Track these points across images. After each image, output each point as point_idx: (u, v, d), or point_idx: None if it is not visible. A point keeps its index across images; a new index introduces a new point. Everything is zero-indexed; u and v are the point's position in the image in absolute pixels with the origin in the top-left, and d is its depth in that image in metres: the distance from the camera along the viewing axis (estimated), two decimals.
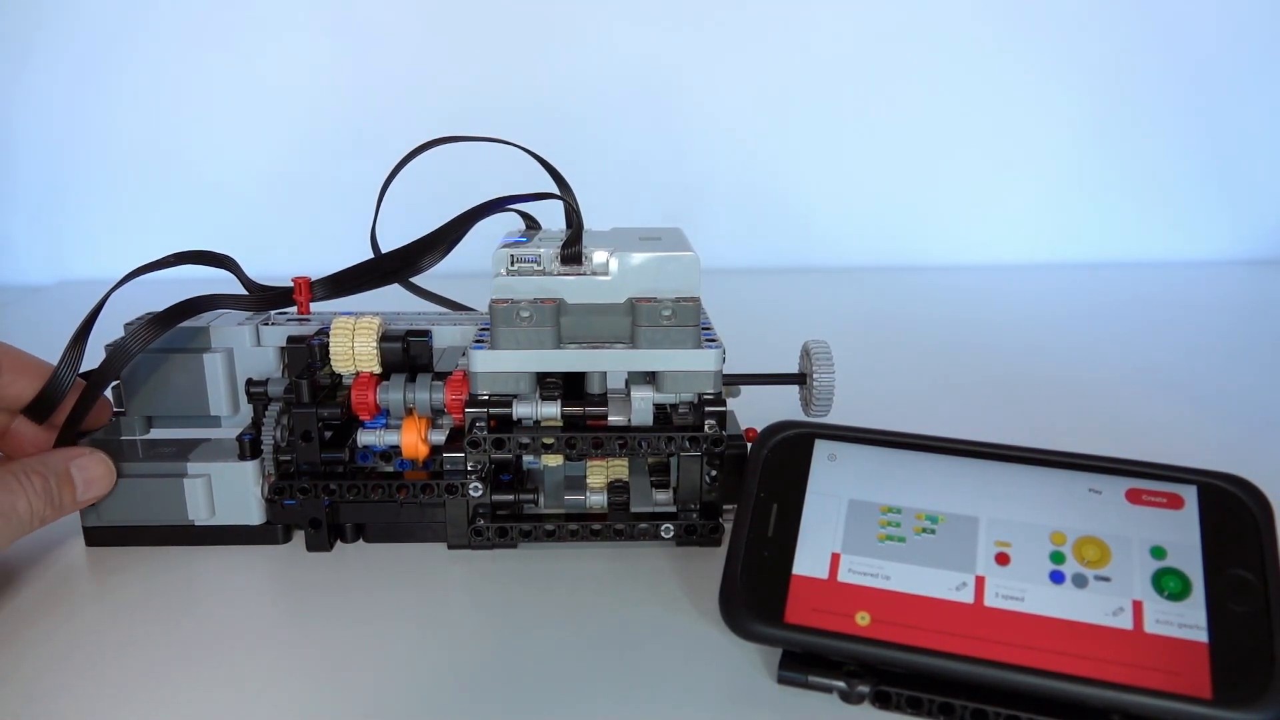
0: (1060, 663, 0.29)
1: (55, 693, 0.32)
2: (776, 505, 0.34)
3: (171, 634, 0.35)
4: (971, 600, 0.31)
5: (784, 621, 0.31)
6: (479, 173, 0.61)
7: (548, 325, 0.38)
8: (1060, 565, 0.31)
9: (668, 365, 0.39)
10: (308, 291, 0.43)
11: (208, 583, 0.39)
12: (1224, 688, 0.27)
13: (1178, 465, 0.32)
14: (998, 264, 1.01)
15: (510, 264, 0.39)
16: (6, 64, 0.93)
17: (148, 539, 0.41)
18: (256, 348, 0.42)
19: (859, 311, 0.83)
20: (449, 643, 0.35)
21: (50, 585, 0.39)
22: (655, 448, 0.39)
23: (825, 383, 0.41)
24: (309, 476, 0.40)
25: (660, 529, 0.40)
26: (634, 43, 0.95)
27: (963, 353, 0.70)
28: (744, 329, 0.53)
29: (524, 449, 0.39)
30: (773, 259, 1.01)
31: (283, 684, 0.32)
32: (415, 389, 0.40)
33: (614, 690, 0.32)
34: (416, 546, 0.41)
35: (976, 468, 0.34)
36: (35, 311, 0.86)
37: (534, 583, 0.39)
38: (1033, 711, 0.29)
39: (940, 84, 0.97)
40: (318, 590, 0.38)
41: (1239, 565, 0.30)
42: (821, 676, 0.31)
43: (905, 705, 0.30)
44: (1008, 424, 0.55)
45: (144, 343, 0.38)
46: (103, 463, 0.39)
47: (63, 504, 0.38)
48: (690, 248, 0.40)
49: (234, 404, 0.42)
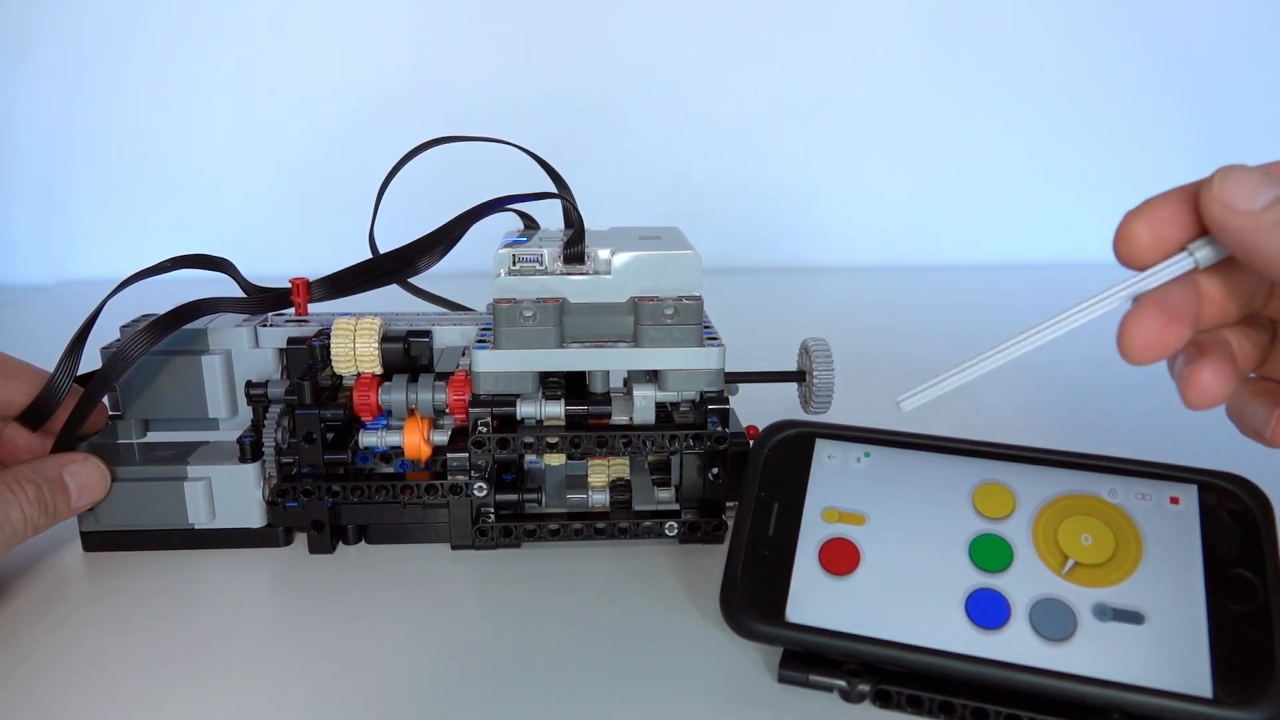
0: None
1: (53, 701, 0.32)
2: (777, 504, 0.34)
3: (173, 638, 0.35)
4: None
5: (785, 620, 0.31)
6: (478, 173, 0.61)
7: (550, 325, 0.38)
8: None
9: (670, 364, 0.39)
10: (305, 293, 0.43)
11: (209, 586, 0.39)
12: (1224, 687, 0.27)
13: (1178, 465, 0.32)
14: (997, 264, 1.01)
15: (512, 264, 0.39)
16: (6, 64, 0.93)
17: (147, 543, 0.41)
18: (255, 349, 0.42)
19: (859, 311, 0.83)
20: (453, 643, 0.35)
21: (47, 592, 0.38)
22: (659, 446, 0.39)
23: (825, 380, 0.41)
24: (311, 478, 0.40)
25: (664, 527, 0.41)
26: (634, 43, 0.95)
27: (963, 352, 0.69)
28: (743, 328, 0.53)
29: (528, 448, 0.39)
30: (773, 259, 1.01)
31: (288, 687, 0.32)
32: (418, 389, 0.40)
33: (615, 689, 0.32)
34: (419, 547, 0.41)
35: (976, 467, 0.34)
36: (35, 311, 0.86)
37: (537, 582, 0.39)
38: (1033, 711, 0.29)
39: (940, 84, 0.97)
40: (321, 592, 0.38)
41: (1239, 565, 0.30)
42: (822, 675, 0.31)
43: (905, 704, 0.30)
44: (1008, 424, 0.55)
45: (144, 348, 0.38)
46: (97, 468, 0.39)
47: (57, 511, 0.37)
48: (690, 246, 0.40)
49: (232, 406, 0.42)
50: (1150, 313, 0.29)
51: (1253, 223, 0.28)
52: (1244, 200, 0.28)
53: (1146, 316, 0.29)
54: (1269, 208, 0.27)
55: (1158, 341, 0.29)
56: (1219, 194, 0.28)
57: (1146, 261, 0.30)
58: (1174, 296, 0.29)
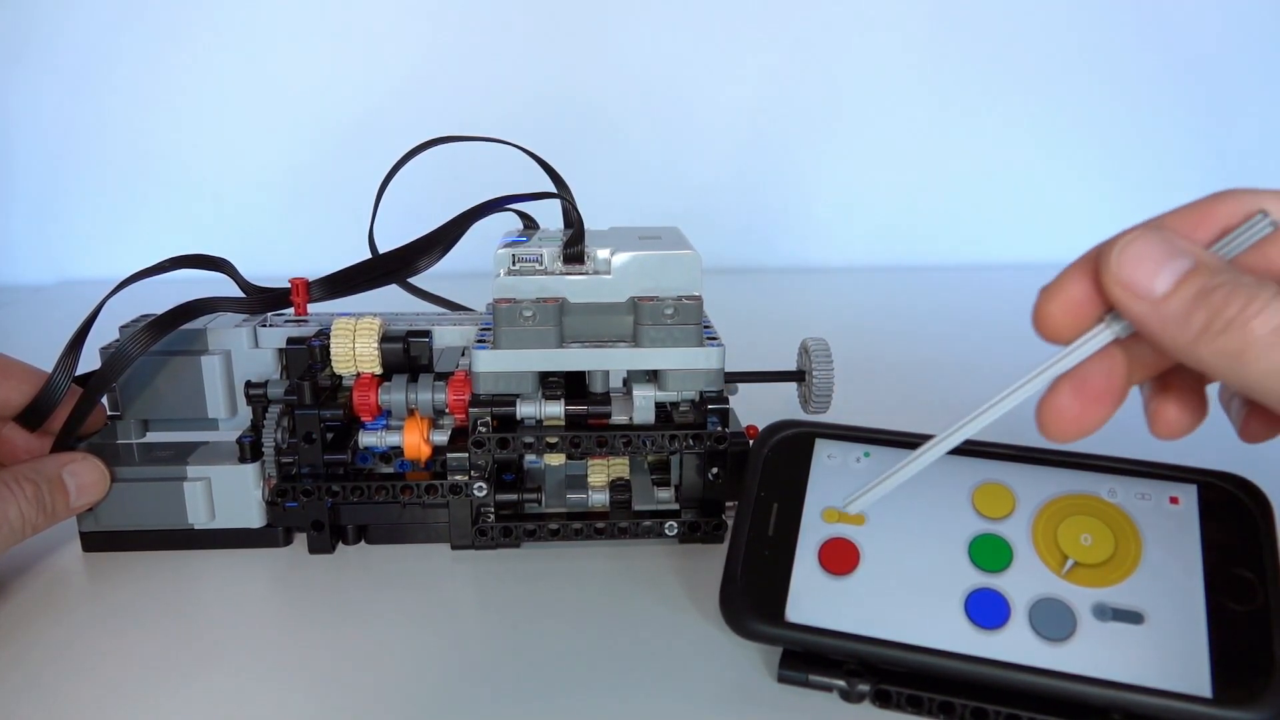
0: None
1: (52, 701, 0.32)
2: (777, 504, 0.34)
3: (172, 639, 0.35)
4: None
5: (784, 620, 0.31)
6: (478, 173, 0.61)
7: (550, 325, 0.38)
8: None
9: (670, 364, 0.39)
10: (305, 292, 0.43)
11: (209, 586, 0.39)
12: (1224, 687, 0.27)
13: (1178, 465, 0.32)
14: (997, 264, 1.01)
15: (512, 264, 0.39)
16: (5, 63, 0.93)
17: (146, 543, 0.41)
18: (254, 349, 0.42)
19: (859, 311, 0.83)
20: (453, 643, 0.35)
21: (46, 592, 0.38)
22: (659, 446, 0.39)
23: (824, 380, 0.41)
24: (311, 479, 0.40)
25: (664, 526, 0.41)
26: (633, 43, 0.95)
27: (963, 352, 0.70)
28: (743, 328, 0.53)
29: (528, 448, 0.39)
30: (773, 259, 1.01)
31: (288, 687, 0.32)
32: (417, 389, 0.40)
33: (615, 689, 0.32)
34: (419, 547, 0.41)
35: (976, 467, 0.34)
36: (35, 311, 0.86)
37: (537, 582, 0.39)
38: (1032, 711, 0.29)
39: (940, 83, 0.97)
40: (321, 592, 0.38)
41: (1239, 565, 0.30)
42: (822, 675, 0.31)
43: (905, 704, 0.30)
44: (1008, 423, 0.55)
45: (143, 347, 0.38)
46: (96, 468, 0.39)
47: (55, 511, 0.37)
48: (690, 246, 0.40)
49: (232, 406, 0.42)
50: (1066, 397, 0.27)
51: (1155, 312, 0.25)
52: (1144, 280, 0.25)
53: (1061, 400, 0.27)
54: (1174, 292, 0.24)
55: (1074, 426, 0.27)
56: (1117, 272, 0.25)
57: (1066, 339, 0.27)
58: (1093, 375, 0.27)
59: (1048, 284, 0.27)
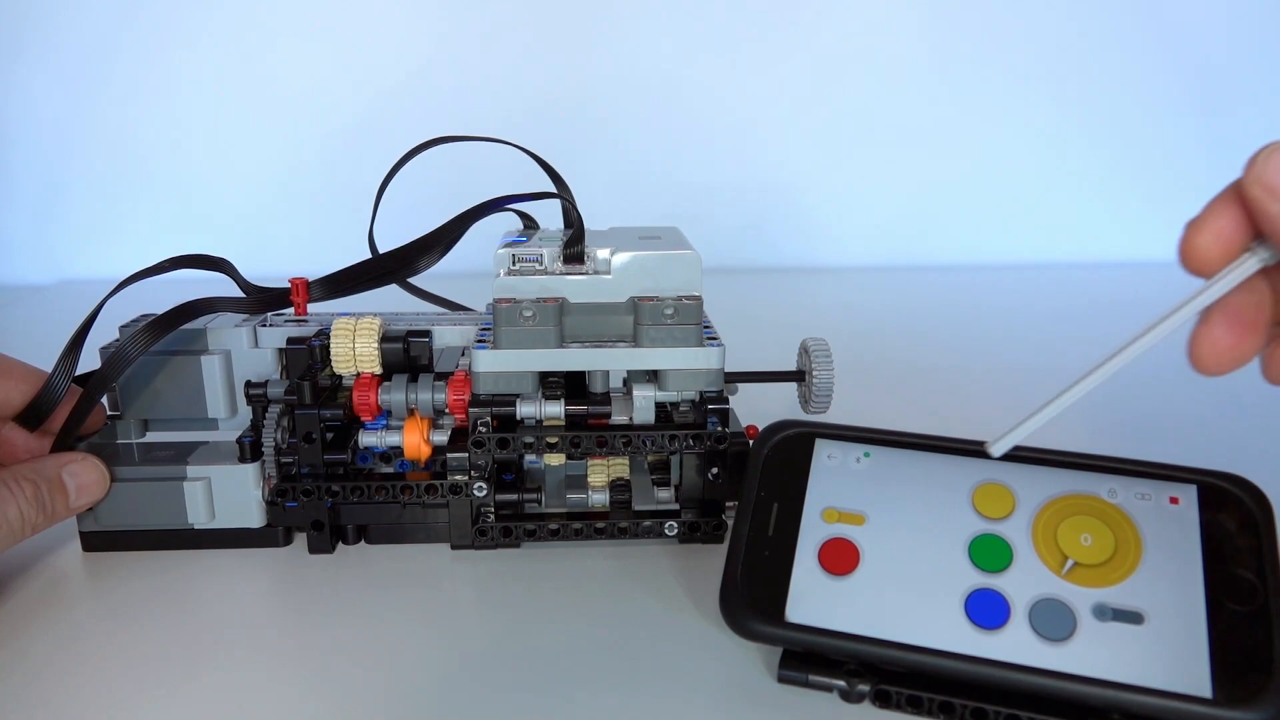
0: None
1: (52, 701, 0.32)
2: (777, 504, 0.34)
3: (172, 639, 0.35)
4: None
5: (784, 620, 0.31)
6: (478, 173, 0.61)
7: (550, 324, 0.38)
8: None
9: (670, 364, 0.39)
10: (305, 292, 0.43)
11: (209, 586, 0.39)
12: (1223, 688, 0.27)
13: (1178, 465, 0.32)
14: (998, 264, 1.01)
15: (512, 263, 0.39)
16: (5, 63, 0.93)
17: (146, 543, 0.41)
18: (254, 349, 0.42)
19: (859, 311, 0.83)
20: (453, 643, 0.35)
21: (46, 592, 0.38)
22: (659, 446, 0.39)
23: (824, 380, 0.41)
24: (311, 478, 0.40)
25: (664, 526, 0.41)
26: (633, 43, 0.95)
27: (963, 352, 0.70)
28: (743, 328, 0.53)
29: (528, 448, 0.39)
30: (772, 259, 1.01)
31: (287, 687, 0.32)
32: (417, 389, 0.40)
33: (615, 689, 0.32)
34: (419, 547, 0.41)
35: (976, 467, 0.34)
36: (34, 311, 0.86)
37: (537, 582, 0.39)
38: (1032, 711, 0.29)
39: (941, 84, 0.97)
40: (321, 592, 0.38)
41: (1239, 565, 0.30)
42: (822, 676, 0.31)
43: (905, 705, 0.30)
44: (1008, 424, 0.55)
45: (142, 347, 0.38)
46: (96, 468, 0.39)
47: (55, 511, 0.37)
48: (690, 246, 0.40)
49: (231, 406, 0.42)
50: (1219, 327, 0.27)
51: None
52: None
53: (1215, 331, 0.27)
54: None
55: (1229, 355, 0.27)
56: (1260, 174, 0.26)
57: (1211, 270, 0.28)
58: (1243, 305, 0.27)
59: (1193, 218, 0.28)
